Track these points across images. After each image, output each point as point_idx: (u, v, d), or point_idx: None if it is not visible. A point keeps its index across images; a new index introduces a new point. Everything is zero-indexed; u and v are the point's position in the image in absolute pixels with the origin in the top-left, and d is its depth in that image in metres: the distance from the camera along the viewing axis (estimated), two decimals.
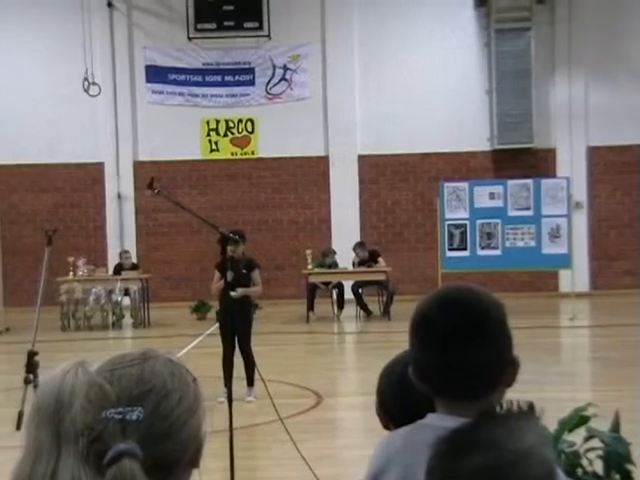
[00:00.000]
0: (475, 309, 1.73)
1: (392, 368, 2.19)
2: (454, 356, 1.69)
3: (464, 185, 16.00)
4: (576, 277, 16.33)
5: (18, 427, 4.49)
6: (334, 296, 16.60)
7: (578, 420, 4.09)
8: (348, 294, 16.38)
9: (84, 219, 19.31)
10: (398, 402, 2.10)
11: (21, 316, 13.63)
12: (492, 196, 15.72)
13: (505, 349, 1.73)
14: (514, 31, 18.58)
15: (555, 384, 9.18)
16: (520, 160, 18.56)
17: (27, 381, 4.93)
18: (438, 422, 1.74)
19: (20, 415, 4.69)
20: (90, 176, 19.25)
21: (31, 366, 4.98)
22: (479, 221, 15.73)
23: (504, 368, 1.71)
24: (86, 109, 18.47)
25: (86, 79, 17.25)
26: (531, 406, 1.37)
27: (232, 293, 8.41)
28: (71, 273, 15.67)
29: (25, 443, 2.07)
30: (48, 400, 2.05)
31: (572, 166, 18.48)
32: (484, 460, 1.27)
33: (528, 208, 15.57)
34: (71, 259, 15.62)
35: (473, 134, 18.83)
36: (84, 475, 1.99)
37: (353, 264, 16.41)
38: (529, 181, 15.78)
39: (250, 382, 8.89)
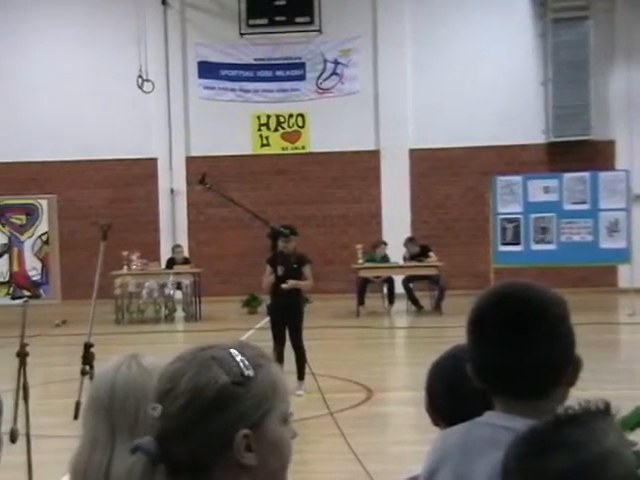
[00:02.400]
0: (529, 305, 1.71)
1: (441, 364, 2.18)
2: (507, 354, 1.68)
3: (517, 179, 15.81)
4: (635, 272, 16.03)
5: (75, 417, 4.60)
6: (384, 291, 16.58)
7: (639, 419, 4.03)
8: (399, 289, 16.34)
9: (138, 214, 19.54)
10: (447, 399, 2.09)
11: (77, 309, 13.83)
12: (547, 190, 15.50)
13: (565, 347, 1.70)
14: (571, 20, 18.28)
15: (614, 382, 9.01)
16: (576, 153, 18.26)
17: (84, 372, 5.04)
18: (495, 420, 1.73)
19: (77, 405, 4.79)
20: (143, 171, 19.48)
21: (87, 358, 5.09)
22: (533, 215, 15.53)
23: (563, 367, 1.69)
24: (140, 105, 18.68)
25: (140, 76, 17.45)
26: (607, 405, 1.35)
27: (283, 285, 8.50)
28: (125, 267, 15.88)
29: (82, 433, 2.12)
30: (102, 392, 2.10)
31: (632, 158, 18.10)
32: (569, 461, 1.25)
33: (584, 202, 15.32)
34: (125, 253, 15.83)
35: (527, 126, 18.61)
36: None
37: (404, 259, 16.36)
38: (586, 174, 15.50)
39: (301, 376, 8.92)
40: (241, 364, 1.42)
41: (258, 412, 1.42)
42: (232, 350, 1.45)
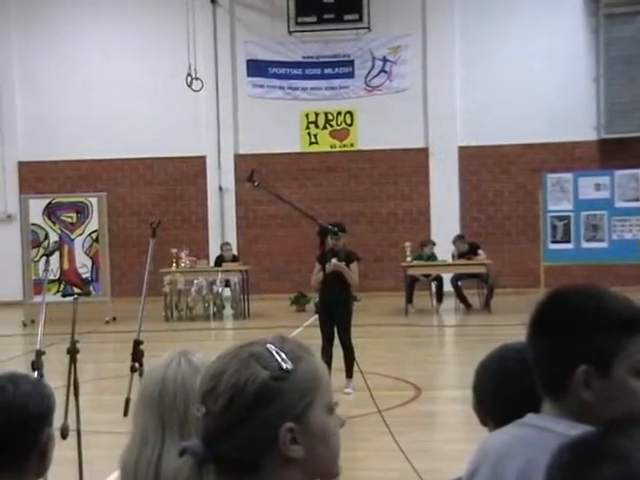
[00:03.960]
0: (557, 307, 1.74)
1: (488, 364, 2.16)
2: (537, 353, 1.74)
3: (568, 176, 15.63)
4: None
5: (125, 413, 4.63)
6: (433, 289, 16.50)
7: None
8: (447, 287, 16.26)
9: (186, 212, 19.69)
10: (495, 399, 2.07)
11: (127, 306, 14.00)
12: (598, 187, 15.31)
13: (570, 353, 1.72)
14: (625, 16, 17.99)
15: None
16: (629, 150, 17.96)
17: (133, 369, 5.07)
18: (533, 421, 1.76)
19: (127, 402, 4.83)
20: (192, 169, 19.62)
21: (137, 355, 5.12)
22: (584, 213, 15.34)
23: (567, 375, 1.70)
24: (189, 104, 18.81)
25: (189, 74, 17.57)
26: None
27: (333, 260, 8.57)
28: (174, 264, 16.00)
29: (132, 429, 2.13)
30: (152, 389, 2.10)
31: None
32: (615, 472, 1.23)
33: (637, 199, 15.12)
34: (174, 251, 15.96)
35: (578, 123, 18.37)
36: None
37: (453, 257, 16.26)
38: (638, 171, 15.27)
39: (349, 374, 8.90)
40: (279, 358, 1.43)
41: (301, 404, 1.43)
42: (269, 345, 1.46)
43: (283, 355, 1.44)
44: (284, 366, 1.42)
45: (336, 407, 1.50)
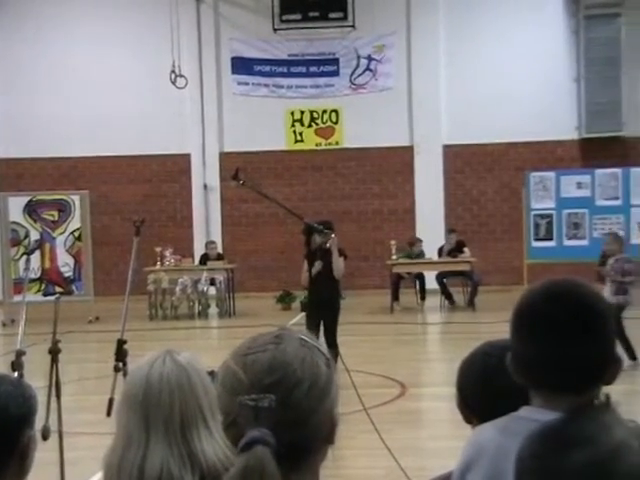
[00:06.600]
0: (583, 304, 1.73)
1: (471, 361, 2.15)
2: (557, 350, 1.69)
3: (550, 175, 15.79)
4: None
5: (109, 414, 4.60)
6: (417, 287, 16.55)
7: None
8: (431, 284, 16.29)
9: (171, 210, 19.62)
10: (479, 396, 2.06)
11: (110, 305, 13.93)
12: (579, 186, 15.49)
13: (609, 347, 1.73)
14: (604, 17, 18.18)
15: None
16: (609, 149, 18.12)
17: (117, 369, 5.03)
18: (532, 415, 1.73)
19: (110, 402, 4.79)
20: (177, 167, 19.55)
21: (120, 354, 5.08)
22: (566, 211, 15.51)
23: (607, 365, 1.71)
24: (173, 101, 18.73)
25: (173, 71, 17.50)
26: (608, 398, 1.35)
27: (316, 263, 8.57)
28: (158, 263, 15.95)
29: (116, 430, 2.11)
30: (137, 388, 2.08)
31: None
32: (584, 457, 1.24)
33: (617, 198, 15.30)
34: (158, 249, 15.90)
35: (560, 123, 18.48)
36: (172, 461, 2.02)
37: (440, 251, 16.31)
38: (618, 170, 15.49)
39: None
40: (321, 348, 1.48)
41: (337, 390, 1.50)
42: (301, 335, 1.49)
43: (320, 346, 1.49)
44: (327, 355, 1.48)
45: None
